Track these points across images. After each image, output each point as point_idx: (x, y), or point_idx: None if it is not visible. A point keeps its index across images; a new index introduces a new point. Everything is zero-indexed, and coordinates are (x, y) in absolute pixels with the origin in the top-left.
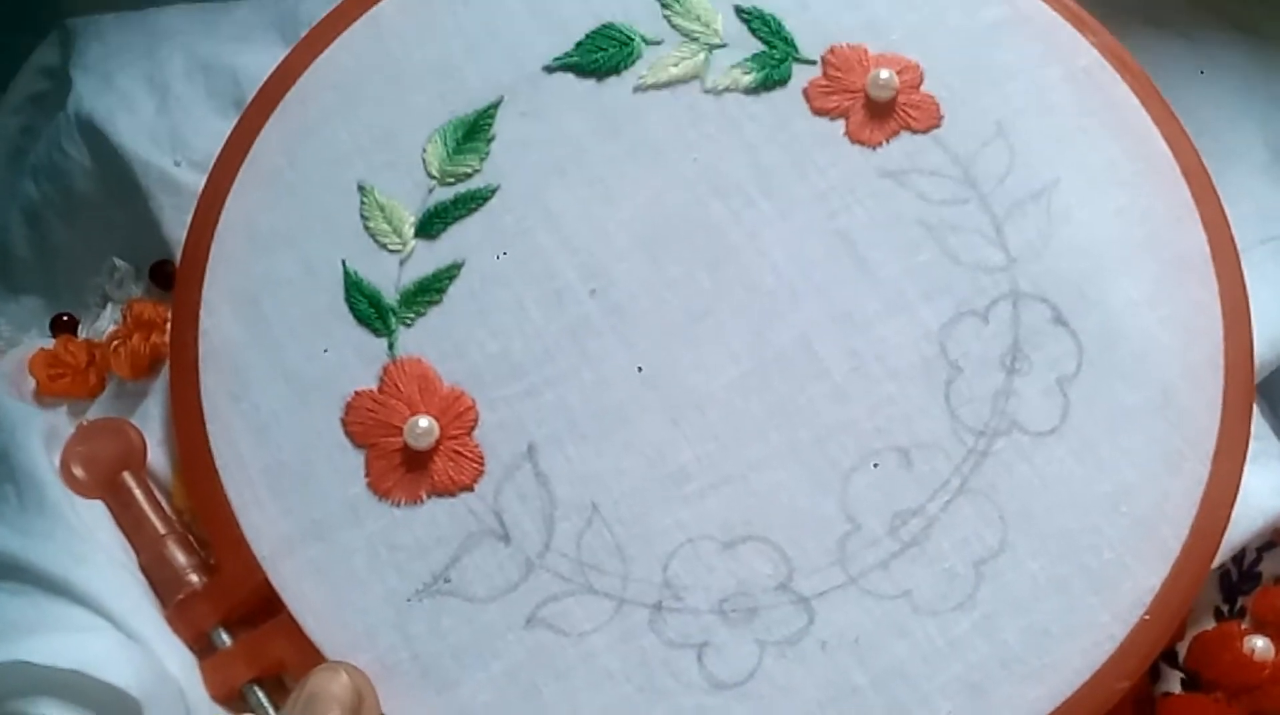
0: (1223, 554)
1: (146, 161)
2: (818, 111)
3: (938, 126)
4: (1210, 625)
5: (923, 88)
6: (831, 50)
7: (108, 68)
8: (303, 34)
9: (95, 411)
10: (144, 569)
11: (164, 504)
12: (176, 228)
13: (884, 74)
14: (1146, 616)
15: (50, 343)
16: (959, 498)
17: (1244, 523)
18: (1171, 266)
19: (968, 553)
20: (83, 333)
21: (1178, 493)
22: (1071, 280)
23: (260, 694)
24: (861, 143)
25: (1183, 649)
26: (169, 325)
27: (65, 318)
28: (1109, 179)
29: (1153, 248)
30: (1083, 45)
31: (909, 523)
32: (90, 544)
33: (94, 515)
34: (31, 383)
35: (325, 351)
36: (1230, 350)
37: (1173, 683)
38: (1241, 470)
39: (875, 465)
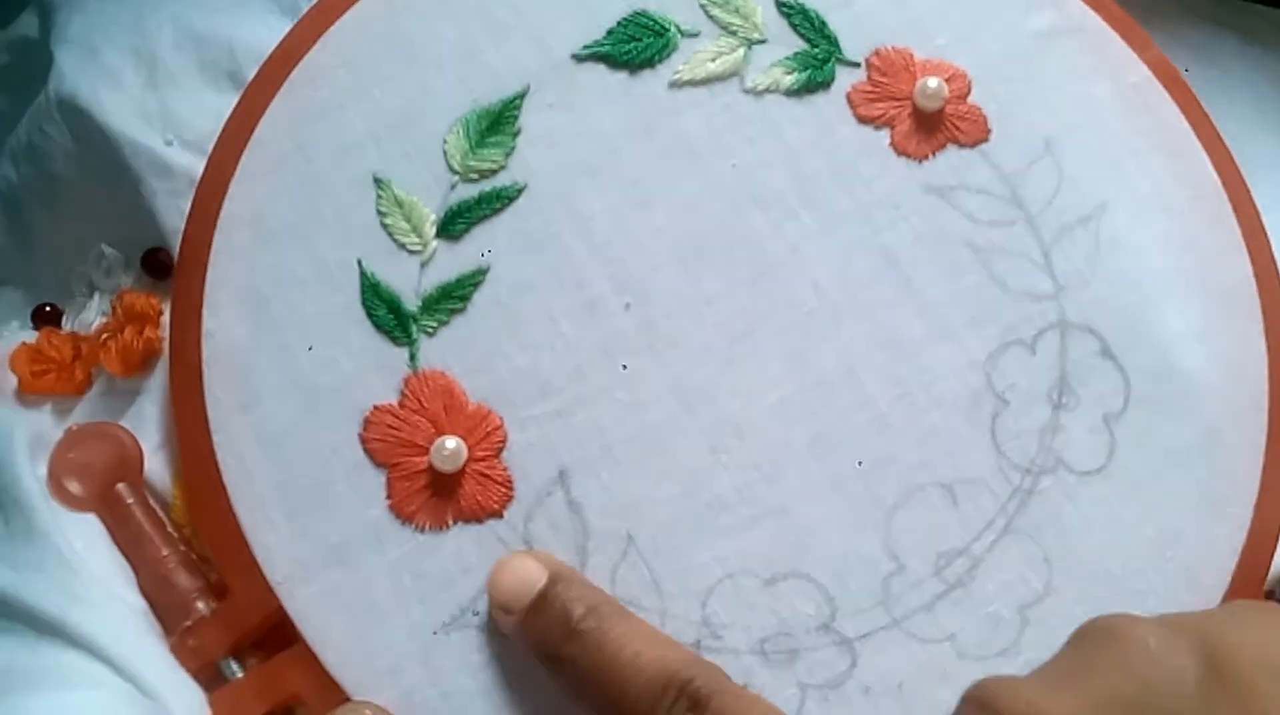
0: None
1: (135, 141)
2: (862, 119)
3: (986, 140)
4: None
5: (970, 98)
6: (876, 53)
7: (91, 41)
8: (302, 6)
9: (83, 410)
10: (144, 591)
11: (164, 518)
12: (170, 214)
13: (933, 83)
14: None
15: (32, 336)
16: (1004, 538)
17: None
18: (1219, 298)
19: (1012, 596)
20: (67, 325)
21: (1220, 539)
22: (1119, 311)
23: None
24: (907, 155)
25: None
26: (166, 322)
27: (48, 309)
28: (1157, 204)
29: (1201, 278)
30: (1133, 60)
31: (954, 563)
32: (84, 576)
33: (86, 537)
34: (13, 380)
35: (340, 359)
36: (1275, 389)
37: None
38: None
39: (919, 501)
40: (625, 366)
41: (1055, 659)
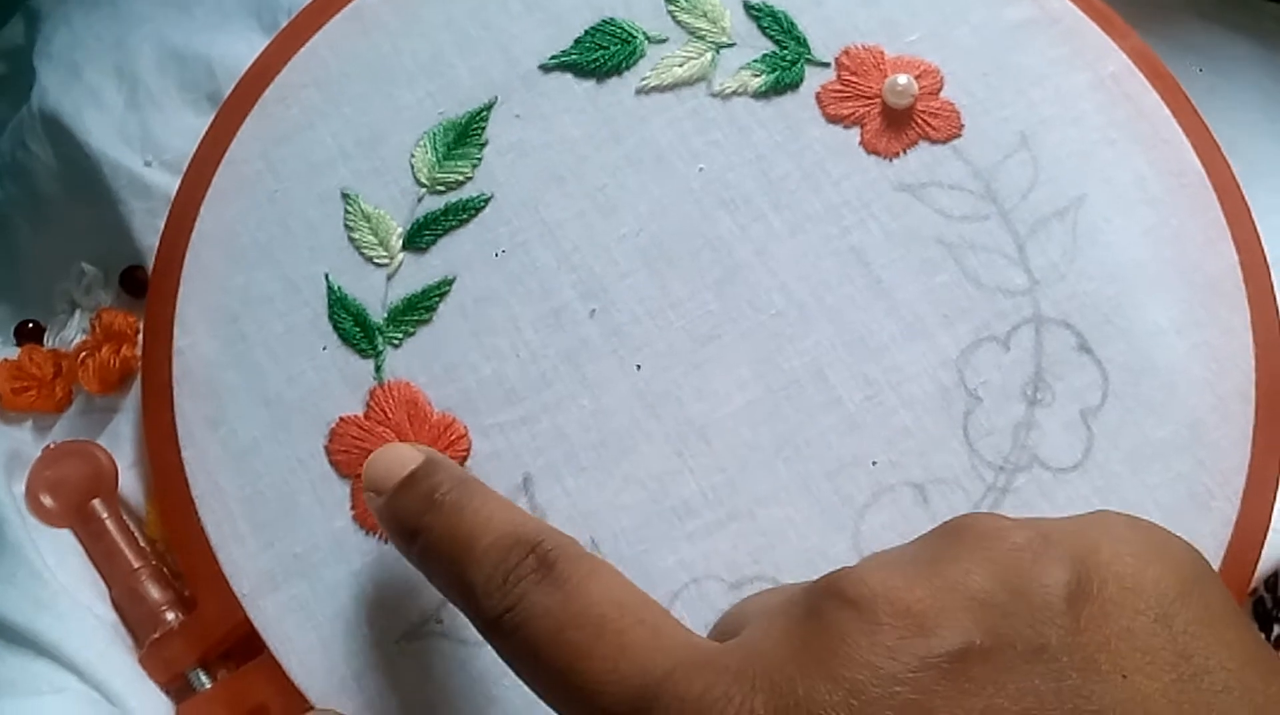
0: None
1: (116, 162)
2: (831, 118)
3: (958, 136)
4: None
5: (942, 94)
6: (846, 52)
7: (74, 58)
8: (282, 22)
9: (62, 427)
10: (116, 604)
11: (137, 534)
12: (148, 233)
13: (902, 80)
14: None
15: (14, 353)
16: None
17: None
18: (1202, 290)
19: None
20: (49, 341)
21: (1204, 534)
22: (1097, 305)
23: None
24: (877, 153)
25: None
26: (140, 339)
27: (30, 325)
28: (1138, 196)
29: (1183, 270)
30: (1111, 50)
31: None
32: (53, 587)
33: (59, 552)
34: None
35: (307, 373)
36: (1262, 380)
37: None
38: (1271, 510)
39: (889, 501)
40: (587, 374)
41: (910, 546)
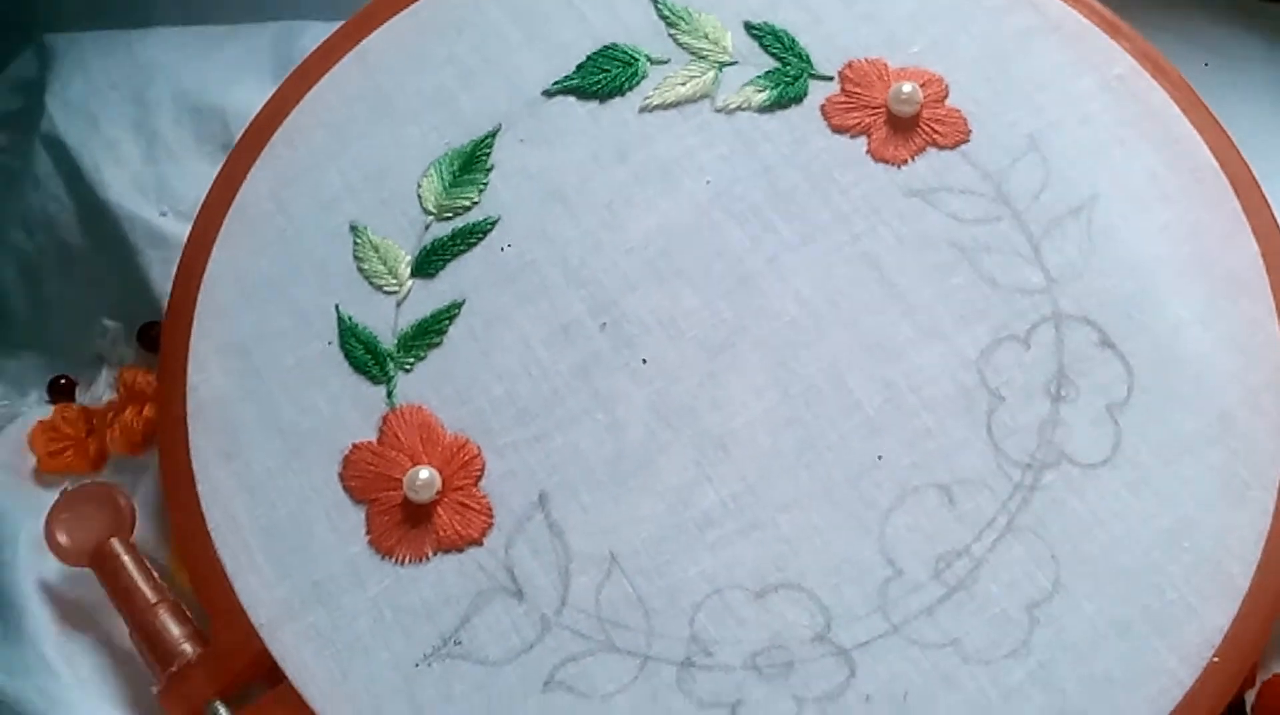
0: None
1: (133, 214)
2: (837, 129)
3: (965, 142)
4: None
5: (947, 102)
6: (849, 65)
7: (91, 108)
8: None
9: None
10: (134, 641)
11: (153, 572)
12: (164, 282)
13: (906, 88)
14: (1216, 659)
15: (47, 411)
16: (1007, 536)
17: None
18: (1224, 283)
19: (1019, 596)
20: (81, 396)
21: (1242, 525)
22: (1117, 300)
23: None
24: (885, 161)
25: (1251, 697)
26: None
27: (63, 381)
28: (1152, 193)
29: (1203, 263)
30: (1116, 52)
31: (954, 565)
32: (67, 681)
33: (72, 650)
34: (31, 460)
35: (319, 403)
36: None
37: None
38: None
39: (914, 504)
40: (599, 388)
41: None
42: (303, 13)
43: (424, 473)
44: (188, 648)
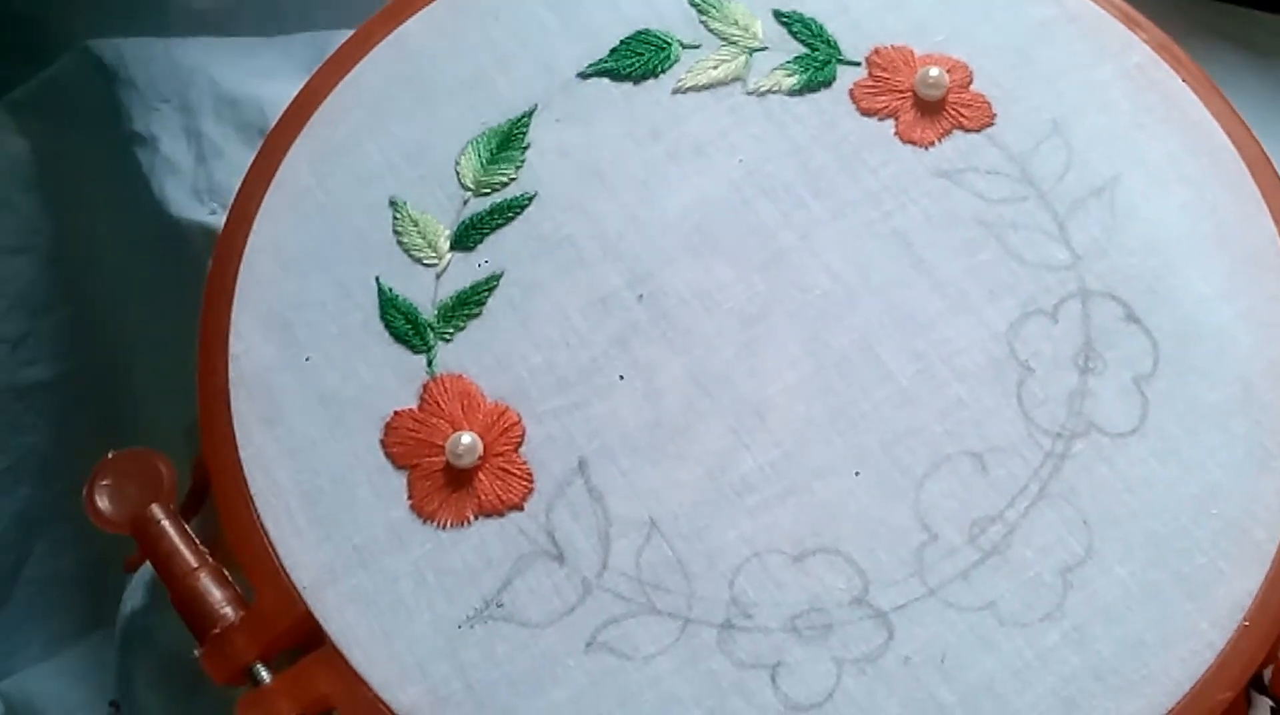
0: None
1: (191, 220)
2: (866, 112)
3: (991, 125)
4: None
5: (972, 87)
6: (876, 51)
7: (151, 129)
8: None
9: None
10: (175, 605)
11: (194, 537)
12: None
13: (934, 72)
14: (1246, 622)
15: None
16: (1039, 503)
17: None
18: (1244, 260)
19: (1052, 560)
20: None
21: (1268, 492)
22: (1141, 277)
23: None
24: (913, 142)
25: (1268, 673)
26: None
27: None
28: (1172, 174)
29: (1223, 241)
30: (1134, 42)
31: (988, 530)
32: None
33: None
34: None
35: (361, 371)
36: None
37: (1263, 710)
38: None
39: (948, 471)
40: (638, 357)
41: None
42: (333, 23)
43: (466, 438)
44: (229, 611)
